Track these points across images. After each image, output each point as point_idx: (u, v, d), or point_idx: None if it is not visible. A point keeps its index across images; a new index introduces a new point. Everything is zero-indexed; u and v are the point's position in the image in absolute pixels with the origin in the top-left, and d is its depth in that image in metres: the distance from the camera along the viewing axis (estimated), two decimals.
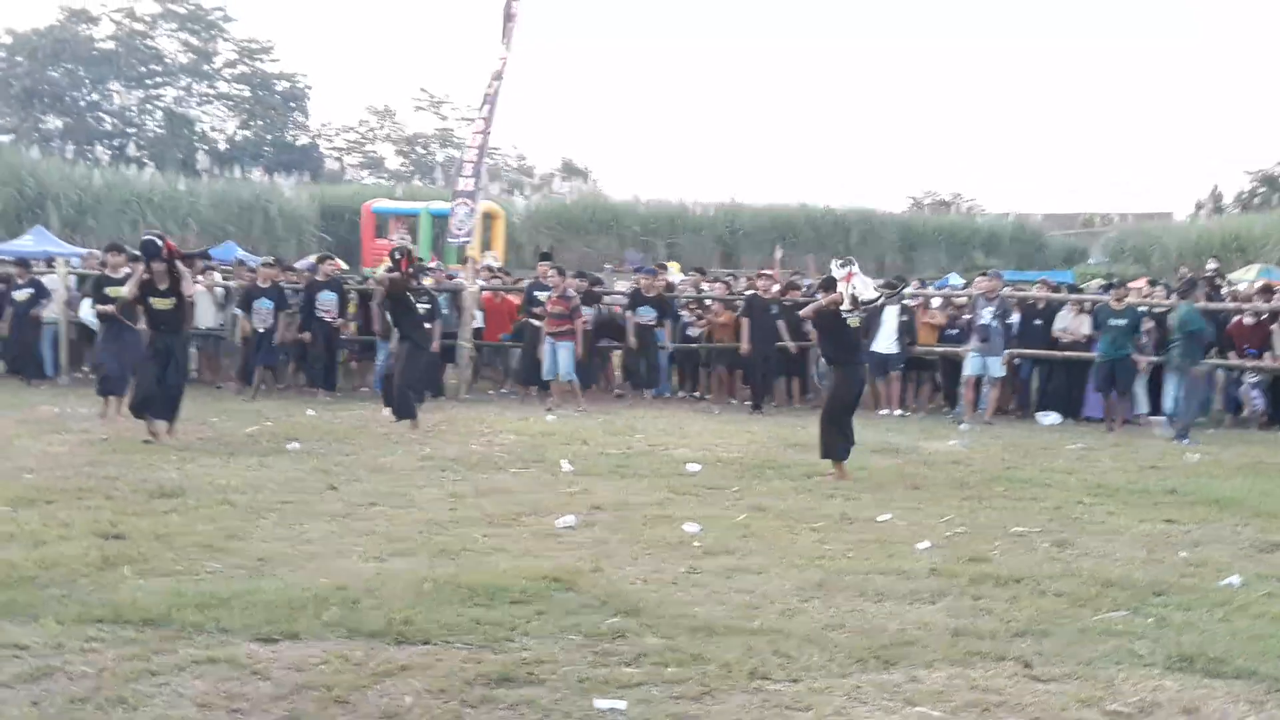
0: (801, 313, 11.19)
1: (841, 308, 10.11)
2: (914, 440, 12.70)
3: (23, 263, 17.90)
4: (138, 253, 11.74)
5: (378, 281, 13.67)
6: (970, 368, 15.24)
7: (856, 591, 6.34)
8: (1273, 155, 63.78)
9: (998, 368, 15.17)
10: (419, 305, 13.62)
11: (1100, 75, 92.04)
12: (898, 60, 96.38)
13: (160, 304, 11.30)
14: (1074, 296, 16.65)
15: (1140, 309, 15.41)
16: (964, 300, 16.66)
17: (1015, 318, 15.86)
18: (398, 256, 12.67)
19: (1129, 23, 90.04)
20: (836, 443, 10.18)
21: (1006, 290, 16.27)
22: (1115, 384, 14.93)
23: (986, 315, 15.12)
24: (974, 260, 33.60)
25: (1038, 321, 15.98)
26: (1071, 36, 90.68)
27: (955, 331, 16.17)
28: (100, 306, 13.26)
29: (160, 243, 11.28)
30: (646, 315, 16.33)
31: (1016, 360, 15.91)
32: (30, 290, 16.83)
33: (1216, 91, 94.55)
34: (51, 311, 16.84)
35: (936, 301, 17.13)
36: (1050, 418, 15.37)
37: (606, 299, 17.61)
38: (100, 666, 4.81)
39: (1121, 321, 14.88)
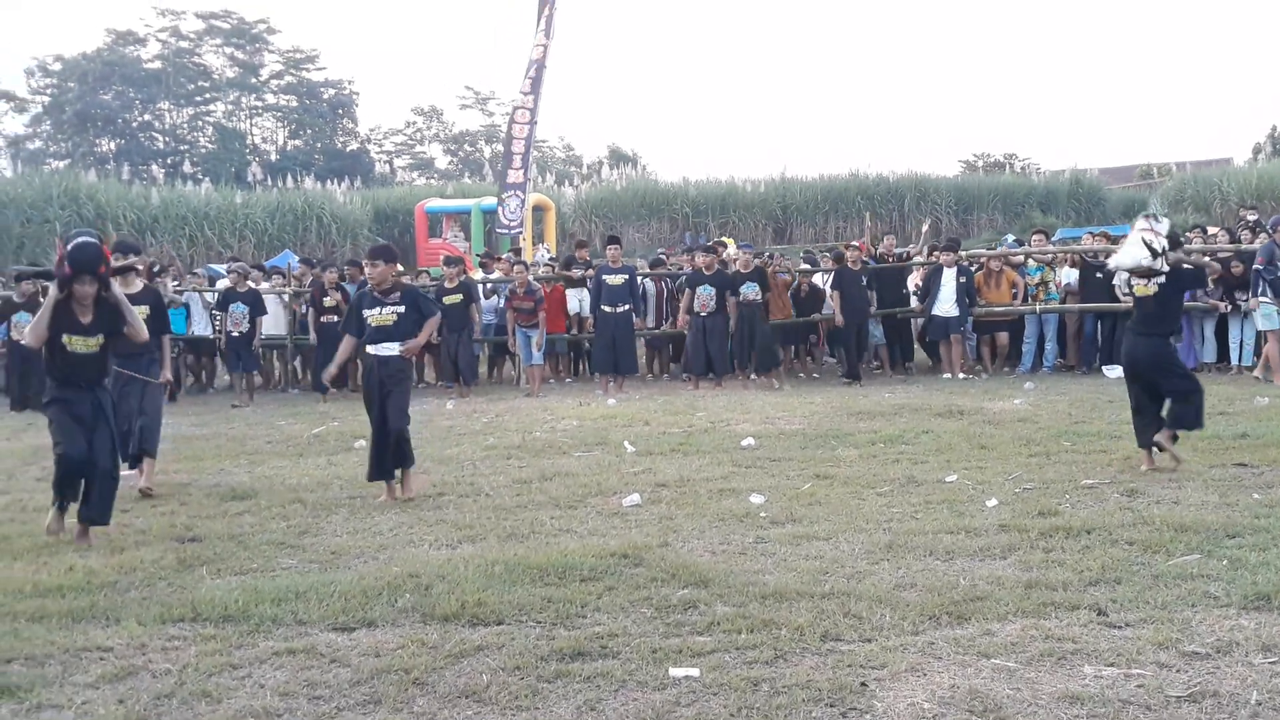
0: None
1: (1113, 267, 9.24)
2: (979, 401, 12.58)
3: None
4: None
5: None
6: (1267, 323, 14.02)
7: (926, 551, 6.32)
8: None
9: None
10: None
11: (1150, 22, 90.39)
12: (942, 22, 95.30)
13: (80, 345, 7.29)
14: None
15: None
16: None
17: (1075, 273, 15.64)
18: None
19: None
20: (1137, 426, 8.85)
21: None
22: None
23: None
24: (1031, 219, 33.14)
25: (1099, 275, 15.72)
26: None
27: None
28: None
29: (99, 250, 7.31)
30: (705, 294, 15.67)
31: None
32: None
33: (1270, 30, 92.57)
34: None
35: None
36: (1116, 370, 15.10)
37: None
38: (182, 663, 4.90)
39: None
